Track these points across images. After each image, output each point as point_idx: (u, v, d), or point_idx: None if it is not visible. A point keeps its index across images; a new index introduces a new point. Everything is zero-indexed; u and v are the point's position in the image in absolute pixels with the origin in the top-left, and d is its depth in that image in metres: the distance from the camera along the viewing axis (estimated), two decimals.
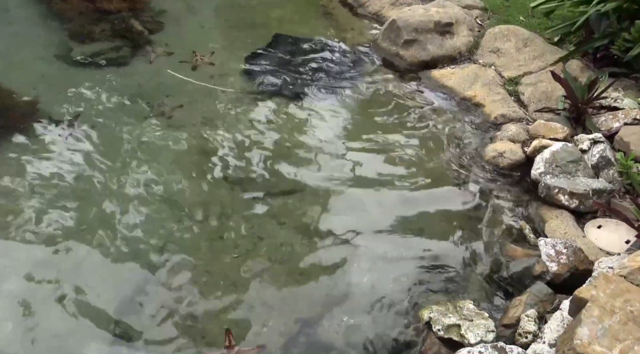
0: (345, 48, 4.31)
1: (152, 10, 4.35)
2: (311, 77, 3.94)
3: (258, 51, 4.13)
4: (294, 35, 4.35)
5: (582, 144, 3.13)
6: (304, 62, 4.10)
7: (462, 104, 3.78)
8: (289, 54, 4.17)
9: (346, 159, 3.29)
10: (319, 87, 3.86)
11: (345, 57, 4.21)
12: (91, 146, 3.12)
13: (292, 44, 4.29)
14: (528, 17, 4.41)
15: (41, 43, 3.82)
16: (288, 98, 3.72)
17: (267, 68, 3.95)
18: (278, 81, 3.84)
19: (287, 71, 3.96)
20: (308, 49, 4.27)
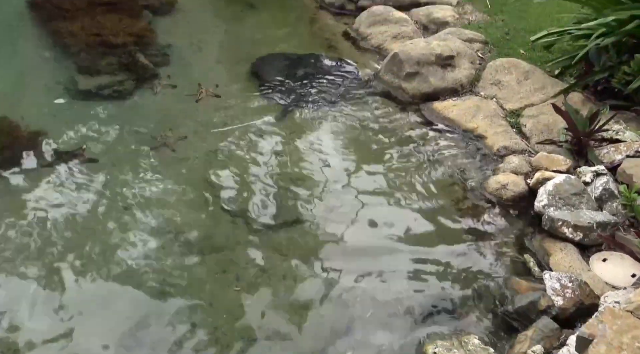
0: (349, 81, 4.36)
1: (158, 44, 4.42)
2: (315, 109, 3.98)
3: (263, 84, 4.18)
4: (300, 68, 4.42)
5: (584, 176, 3.13)
6: (308, 94, 4.15)
7: (464, 135, 3.80)
8: (294, 85, 4.22)
9: (349, 190, 3.30)
10: (322, 118, 3.89)
11: (349, 90, 4.25)
12: (94, 179, 3.13)
13: (299, 77, 4.35)
14: (528, 51, 4.47)
15: (48, 76, 3.88)
16: (292, 128, 3.75)
17: (273, 99, 4.00)
18: (282, 114, 3.87)
19: (293, 102, 4.00)
20: (311, 80, 4.32)
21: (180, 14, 5.10)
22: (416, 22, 5.08)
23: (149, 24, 4.69)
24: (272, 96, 4.06)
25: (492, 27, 4.92)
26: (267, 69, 4.39)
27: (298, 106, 4.00)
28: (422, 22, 5.06)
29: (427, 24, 5.03)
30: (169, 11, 5.04)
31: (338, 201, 3.20)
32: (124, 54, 4.08)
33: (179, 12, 5.12)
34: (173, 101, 3.86)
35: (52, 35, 4.27)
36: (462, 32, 4.68)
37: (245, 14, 5.34)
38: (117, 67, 3.98)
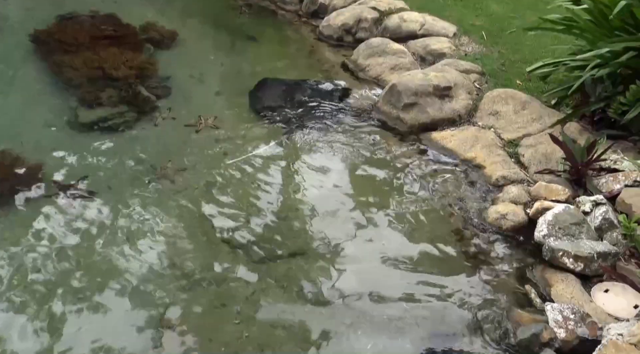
0: (348, 110, 4.40)
1: (159, 77, 4.47)
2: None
3: (263, 111, 4.24)
4: (298, 93, 4.47)
5: (584, 206, 3.14)
6: (307, 120, 4.18)
7: (463, 165, 3.82)
8: (293, 112, 4.29)
9: (349, 221, 3.29)
10: (322, 148, 3.91)
11: (348, 120, 4.29)
12: (94, 210, 3.14)
13: (298, 106, 4.41)
14: (525, 81, 4.52)
15: (50, 109, 3.91)
16: (291, 158, 3.77)
17: (272, 128, 4.03)
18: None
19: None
20: (310, 106, 4.37)
21: (181, 46, 5.17)
22: (413, 53, 5.15)
23: (151, 57, 4.75)
24: (272, 125, 4.09)
25: (488, 58, 4.98)
26: (266, 95, 4.48)
27: (297, 134, 4.03)
28: (419, 53, 5.13)
29: (424, 55, 5.09)
30: (170, 44, 5.12)
31: (337, 232, 3.19)
32: (125, 87, 4.12)
33: (180, 45, 5.19)
34: (173, 132, 3.88)
35: (54, 68, 4.32)
36: (459, 64, 4.74)
37: (245, 46, 5.43)
38: (117, 99, 4.02)
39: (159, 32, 5.19)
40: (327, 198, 3.45)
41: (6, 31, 4.93)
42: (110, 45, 4.63)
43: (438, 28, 5.46)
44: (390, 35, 5.43)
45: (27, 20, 5.11)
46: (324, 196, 3.46)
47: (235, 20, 6.12)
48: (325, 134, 4.09)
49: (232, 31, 5.79)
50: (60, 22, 5.04)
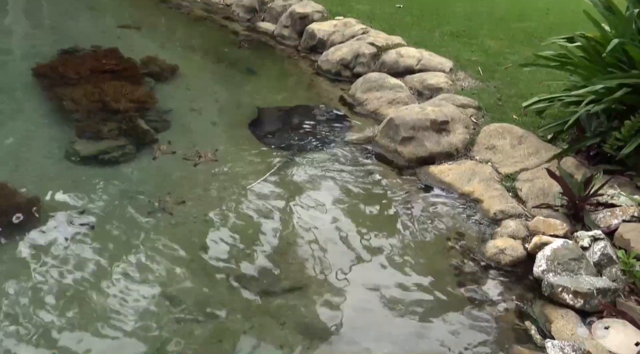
0: (346, 144, 4.43)
1: (159, 110, 4.51)
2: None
3: (262, 140, 4.34)
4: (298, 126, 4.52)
5: (582, 241, 3.13)
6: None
7: (460, 199, 3.83)
8: (292, 141, 4.38)
9: (347, 255, 3.28)
10: (320, 181, 3.93)
11: (346, 153, 4.32)
12: (91, 244, 3.12)
13: (296, 134, 4.50)
14: (521, 116, 4.57)
15: (50, 141, 3.94)
16: (290, 191, 3.77)
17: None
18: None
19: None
20: (310, 139, 4.41)
21: (181, 79, 5.24)
22: (411, 88, 5.22)
23: (151, 90, 4.81)
24: (270, 157, 4.11)
25: (484, 93, 5.05)
26: (265, 122, 4.63)
27: (296, 167, 4.05)
28: (416, 88, 5.20)
29: (421, 90, 5.16)
30: (170, 77, 5.19)
31: (336, 266, 3.17)
32: (125, 120, 4.15)
33: (180, 78, 5.27)
34: (172, 165, 3.90)
35: (55, 102, 4.37)
36: (456, 98, 4.80)
37: (245, 79, 5.50)
38: (117, 132, 4.04)
39: (159, 66, 5.27)
40: (325, 232, 3.44)
41: (9, 65, 5.00)
42: (111, 79, 4.69)
43: (435, 63, 5.54)
44: (388, 70, 5.52)
45: (30, 54, 5.20)
46: (322, 230, 3.46)
47: (235, 54, 6.22)
48: (323, 166, 4.11)
49: (232, 65, 5.89)
50: (63, 57, 5.12)
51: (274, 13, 7.28)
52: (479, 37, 6.57)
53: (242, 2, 7.59)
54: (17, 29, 6.14)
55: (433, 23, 7.02)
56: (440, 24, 6.98)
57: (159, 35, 6.81)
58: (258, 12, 7.50)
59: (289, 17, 6.89)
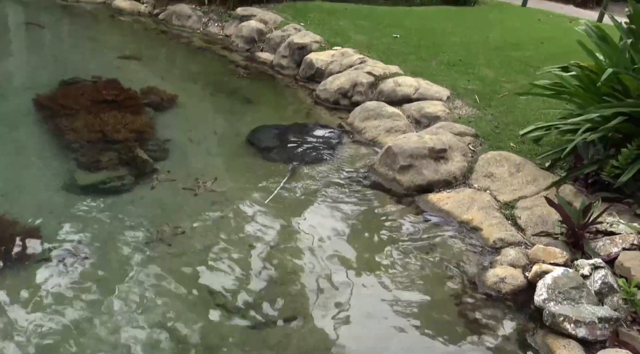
0: (345, 172, 4.45)
1: (159, 139, 4.53)
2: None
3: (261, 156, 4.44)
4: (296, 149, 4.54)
5: (582, 269, 3.12)
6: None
7: (459, 227, 3.82)
8: (294, 162, 4.51)
9: (345, 284, 3.25)
10: (318, 210, 3.92)
11: (345, 181, 4.32)
12: (89, 275, 3.09)
13: (296, 153, 4.63)
14: (518, 144, 4.60)
15: (49, 172, 3.94)
16: (288, 220, 3.76)
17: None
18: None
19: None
20: (309, 155, 4.43)
21: (180, 109, 5.28)
22: (408, 116, 5.26)
23: (150, 119, 4.84)
24: (270, 186, 4.11)
25: (481, 121, 5.10)
26: (263, 139, 4.79)
27: (294, 195, 4.05)
28: (414, 116, 5.24)
29: (419, 118, 5.21)
30: (169, 107, 5.23)
31: (334, 296, 3.14)
32: (124, 150, 4.16)
33: (180, 107, 5.30)
34: (171, 195, 3.90)
35: (55, 132, 4.38)
36: (453, 126, 4.84)
37: (244, 109, 5.55)
38: (116, 162, 4.05)
39: (159, 96, 5.31)
40: (324, 260, 3.42)
41: (10, 96, 5.03)
42: (111, 109, 4.72)
43: (432, 92, 5.61)
44: (385, 99, 5.58)
45: (31, 85, 5.24)
46: (321, 258, 3.44)
47: (233, 84, 6.29)
48: (321, 195, 4.11)
49: (231, 94, 5.94)
50: (63, 87, 5.17)
51: (272, 43, 7.39)
52: (475, 66, 6.66)
53: (241, 33, 7.70)
54: (19, 60, 6.21)
55: (430, 52, 7.12)
56: (437, 54, 7.09)
57: (159, 65, 6.89)
58: (257, 43, 7.61)
59: (287, 48, 6.99)
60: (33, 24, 7.48)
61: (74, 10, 8.57)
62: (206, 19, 8.52)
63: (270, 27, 7.78)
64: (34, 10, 8.25)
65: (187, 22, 8.44)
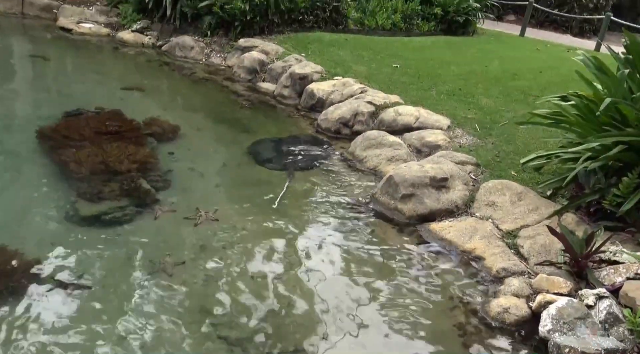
0: (347, 201, 4.45)
1: (161, 170, 4.55)
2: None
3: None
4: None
5: (587, 299, 3.09)
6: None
7: (462, 257, 3.81)
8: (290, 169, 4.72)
9: (347, 316, 3.22)
10: (320, 240, 3.91)
11: (346, 210, 4.32)
12: (90, 306, 3.07)
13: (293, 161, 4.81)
14: (519, 172, 4.61)
15: (51, 203, 3.95)
16: (290, 251, 3.75)
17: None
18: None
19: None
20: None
21: (183, 140, 5.32)
22: (409, 145, 5.29)
23: (153, 150, 4.87)
24: (272, 217, 4.11)
25: (482, 149, 5.12)
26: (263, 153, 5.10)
27: (296, 225, 4.05)
28: (415, 145, 5.27)
29: (420, 147, 5.23)
30: (172, 138, 5.27)
31: (336, 327, 3.11)
32: (127, 180, 4.18)
33: (182, 138, 5.34)
34: (172, 225, 3.89)
35: (59, 163, 4.40)
36: (454, 155, 4.86)
37: (245, 138, 5.58)
38: (119, 193, 4.05)
39: (161, 127, 5.36)
40: (325, 291, 3.40)
41: (13, 128, 5.08)
42: (114, 140, 4.75)
43: (432, 121, 5.65)
44: (386, 128, 5.62)
45: (35, 117, 5.29)
46: (322, 289, 3.41)
47: (235, 114, 6.34)
48: (323, 225, 4.11)
49: (233, 125, 5.99)
50: (67, 119, 5.21)
51: (274, 74, 7.49)
52: (475, 96, 6.73)
53: (243, 64, 7.81)
54: (23, 92, 6.28)
55: (429, 82, 7.21)
56: (437, 83, 7.17)
57: (161, 96, 6.97)
58: (259, 73, 7.71)
59: (289, 78, 7.08)
60: (38, 56, 7.60)
61: (78, 43, 8.71)
62: (208, 50, 8.65)
63: (271, 57, 7.89)
64: (40, 43, 8.38)
65: (190, 54, 8.57)
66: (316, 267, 3.63)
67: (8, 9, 9.86)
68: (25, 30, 9.16)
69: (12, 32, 9.00)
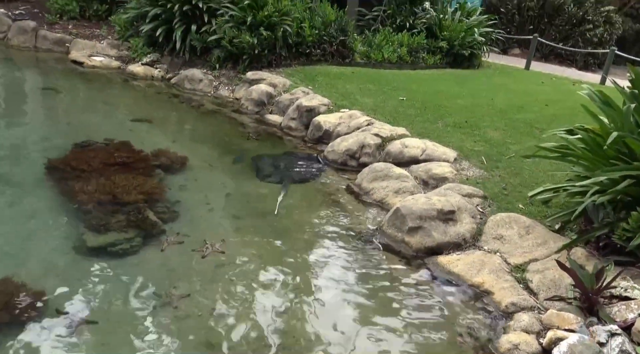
0: (354, 233, 4.43)
1: (168, 201, 4.56)
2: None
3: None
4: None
5: (599, 336, 3.03)
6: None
7: (470, 291, 3.76)
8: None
9: (354, 349, 3.18)
10: (327, 273, 3.88)
11: (353, 242, 4.30)
12: (95, 339, 3.04)
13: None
14: (527, 205, 4.59)
15: (59, 234, 3.95)
16: (295, 283, 3.72)
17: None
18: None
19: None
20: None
21: (190, 171, 5.34)
22: (416, 177, 5.29)
23: (160, 181, 4.89)
24: (279, 249, 4.10)
25: (489, 182, 5.11)
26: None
27: (304, 256, 4.03)
28: (421, 177, 5.27)
29: (426, 179, 5.23)
30: (179, 169, 5.30)
31: None
32: (134, 212, 4.19)
33: (190, 170, 5.37)
34: (179, 257, 3.88)
35: (66, 194, 4.43)
36: (461, 188, 4.85)
37: (252, 170, 5.60)
38: (126, 224, 4.06)
39: (169, 158, 5.40)
40: (331, 325, 3.36)
41: (23, 159, 5.13)
42: (122, 171, 4.79)
43: (439, 153, 5.66)
44: (393, 160, 5.63)
45: (44, 148, 5.35)
46: (327, 323, 3.37)
47: (243, 146, 6.38)
48: (330, 257, 4.09)
49: (240, 156, 6.01)
50: (76, 150, 5.26)
51: (281, 106, 7.56)
52: (481, 128, 6.76)
53: (251, 96, 7.90)
54: (33, 124, 6.36)
55: (435, 115, 7.25)
56: (443, 116, 7.21)
57: (170, 128, 7.04)
58: (266, 105, 7.79)
59: (296, 110, 7.15)
60: (50, 88, 7.73)
61: (89, 75, 8.87)
62: (217, 83, 8.77)
63: (279, 90, 7.99)
64: (52, 76, 8.54)
65: (199, 86, 8.69)
66: (322, 300, 3.59)
67: (22, 43, 10.08)
68: (38, 63, 9.34)
69: (25, 65, 9.18)
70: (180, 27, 9.03)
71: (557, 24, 18.00)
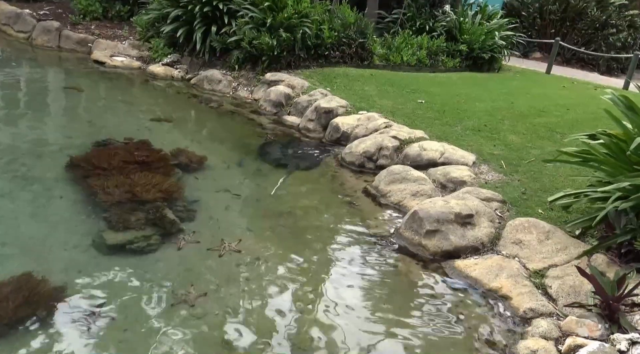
0: (371, 236, 4.42)
1: (186, 200, 4.59)
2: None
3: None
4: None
5: (619, 344, 2.98)
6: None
7: (488, 295, 3.72)
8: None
9: (369, 352, 3.16)
10: (343, 275, 3.87)
11: (370, 246, 4.29)
12: (113, 335, 3.08)
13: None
14: (546, 210, 4.53)
15: (79, 231, 4.00)
16: (312, 285, 3.72)
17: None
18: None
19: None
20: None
21: (208, 171, 5.38)
22: (434, 181, 5.26)
23: (179, 180, 4.93)
24: (295, 249, 4.10)
25: (508, 186, 5.06)
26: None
27: (318, 254, 4.02)
28: (439, 181, 5.24)
29: (445, 182, 5.19)
30: (198, 168, 5.33)
31: None
32: (152, 210, 4.22)
33: (208, 169, 5.40)
34: (196, 256, 3.91)
35: (87, 192, 4.49)
36: (480, 192, 4.81)
37: (270, 171, 5.62)
38: (144, 222, 4.10)
39: (188, 157, 5.43)
40: (346, 326, 3.35)
41: (45, 156, 5.20)
42: (141, 170, 4.83)
43: (457, 157, 5.62)
44: (411, 163, 5.60)
45: (66, 146, 5.42)
46: (343, 324, 3.36)
47: (261, 147, 6.40)
48: (347, 259, 4.08)
49: (258, 156, 6.04)
50: (96, 149, 5.33)
51: (299, 107, 7.57)
52: (501, 132, 6.69)
53: (269, 97, 7.93)
54: (56, 123, 6.46)
55: (454, 118, 7.20)
56: (462, 119, 7.16)
57: (189, 128, 7.09)
58: (284, 107, 7.81)
59: (314, 112, 7.15)
60: (72, 87, 7.84)
61: (111, 75, 8.98)
62: (236, 84, 8.82)
63: (297, 91, 8.00)
64: (74, 75, 8.66)
65: (218, 87, 8.74)
66: (338, 301, 3.59)
67: (46, 43, 10.25)
68: (61, 63, 9.48)
69: (48, 65, 9.33)
70: (200, 29, 9.10)
71: (580, 27, 17.77)
